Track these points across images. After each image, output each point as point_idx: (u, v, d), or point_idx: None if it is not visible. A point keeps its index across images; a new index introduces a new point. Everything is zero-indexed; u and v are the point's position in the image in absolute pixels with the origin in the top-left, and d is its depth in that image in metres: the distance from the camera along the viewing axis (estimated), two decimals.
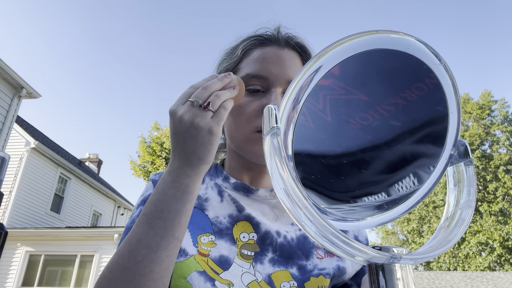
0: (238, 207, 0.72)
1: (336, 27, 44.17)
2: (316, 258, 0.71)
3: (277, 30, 0.76)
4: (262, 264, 0.67)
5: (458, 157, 0.45)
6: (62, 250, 10.12)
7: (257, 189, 0.75)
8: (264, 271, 0.66)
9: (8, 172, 10.91)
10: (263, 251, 0.69)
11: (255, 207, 0.73)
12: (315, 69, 0.40)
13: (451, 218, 0.43)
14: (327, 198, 0.44)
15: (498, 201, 21.67)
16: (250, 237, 0.70)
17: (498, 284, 13.07)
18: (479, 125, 23.52)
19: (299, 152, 0.42)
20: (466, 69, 42.46)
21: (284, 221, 0.74)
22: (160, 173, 0.75)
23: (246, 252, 0.68)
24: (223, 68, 0.76)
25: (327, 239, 0.34)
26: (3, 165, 0.75)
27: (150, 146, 14.71)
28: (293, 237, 0.72)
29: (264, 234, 0.70)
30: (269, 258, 0.68)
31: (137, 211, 0.70)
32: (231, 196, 0.74)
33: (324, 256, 0.72)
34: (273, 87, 0.70)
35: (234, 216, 0.71)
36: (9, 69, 9.20)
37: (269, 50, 0.72)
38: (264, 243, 0.69)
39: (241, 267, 0.66)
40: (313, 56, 0.41)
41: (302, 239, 0.73)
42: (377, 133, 0.44)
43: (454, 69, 0.44)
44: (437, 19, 41.95)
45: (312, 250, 0.72)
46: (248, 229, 0.70)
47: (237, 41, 0.78)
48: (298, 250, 0.71)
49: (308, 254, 0.71)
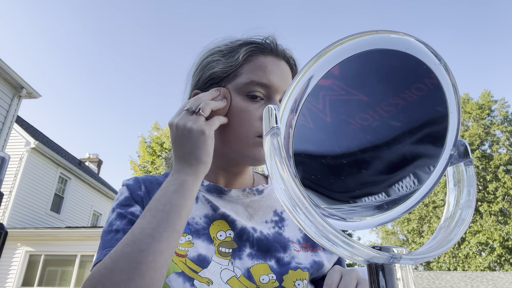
0: (213, 206, 0.74)
1: (336, 27, 44.19)
2: (293, 250, 0.72)
3: (274, 41, 0.77)
4: (240, 260, 0.68)
5: (458, 157, 0.45)
6: (62, 250, 10.12)
7: (229, 190, 0.76)
8: (243, 265, 0.67)
9: (8, 172, 10.91)
10: (241, 247, 0.70)
11: (229, 208, 0.74)
12: (315, 69, 0.40)
13: (451, 218, 0.43)
14: (327, 198, 0.44)
15: (498, 201, 21.67)
16: (227, 234, 0.71)
17: (498, 284, 13.07)
18: (479, 125, 23.51)
19: (299, 152, 0.42)
20: (466, 69, 42.48)
21: (258, 219, 0.75)
22: (132, 178, 0.77)
23: (224, 250, 0.69)
24: (220, 69, 0.74)
25: (327, 239, 0.34)
26: (3, 165, 0.75)
27: (150, 146, 14.71)
28: (269, 233, 0.73)
29: (241, 230, 0.71)
30: (247, 253, 0.69)
31: (113, 214, 0.70)
32: (205, 197, 0.75)
33: (299, 249, 0.73)
34: (274, 96, 0.72)
35: (210, 216, 0.72)
36: (9, 69, 9.20)
37: (270, 60, 0.74)
38: (241, 239, 0.70)
39: (220, 265, 0.66)
40: (313, 56, 0.41)
41: (277, 236, 0.74)
42: (377, 133, 0.44)
43: (454, 69, 0.44)
44: (437, 19, 41.97)
45: (289, 243, 0.73)
46: (225, 227, 0.71)
47: (230, 43, 0.77)
48: (275, 243, 0.72)
49: (286, 247, 0.72)
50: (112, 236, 0.65)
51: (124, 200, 0.72)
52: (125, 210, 0.70)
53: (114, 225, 0.67)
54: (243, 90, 0.71)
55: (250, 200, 0.77)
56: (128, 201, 0.72)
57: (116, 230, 0.66)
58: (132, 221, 0.66)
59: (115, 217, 0.69)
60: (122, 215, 0.68)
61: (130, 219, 0.67)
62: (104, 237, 0.66)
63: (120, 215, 0.68)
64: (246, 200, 0.77)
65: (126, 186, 0.75)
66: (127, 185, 0.76)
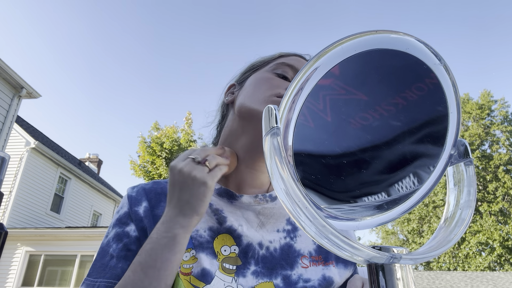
0: (219, 219, 0.71)
1: (336, 27, 44.18)
2: (301, 268, 0.70)
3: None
4: (244, 277, 0.66)
5: (458, 157, 0.45)
6: (62, 250, 10.12)
7: (241, 196, 0.73)
8: (247, 284, 0.66)
9: (8, 172, 10.91)
10: (245, 264, 0.68)
11: (239, 215, 0.72)
12: (315, 68, 0.40)
13: (451, 218, 0.43)
14: (327, 198, 0.44)
15: (498, 201, 21.67)
16: (232, 250, 0.69)
17: (498, 284, 13.07)
18: (478, 125, 23.52)
19: (299, 152, 0.42)
20: (466, 69, 42.48)
21: (270, 228, 0.73)
22: (137, 188, 0.76)
23: (228, 266, 0.67)
24: (258, 61, 0.83)
25: (327, 239, 0.34)
26: (3, 165, 0.75)
27: (150, 146, 14.69)
28: (276, 247, 0.71)
29: (246, 246, 0.69)
30: (251, 271, 0.67)
31: (112, 231, 0.70)
32: (212, 207, 0.73)
33: (309, 264, 0.71)
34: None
35: (215, 229, 0.71)
36: (9, 69, 9.20)
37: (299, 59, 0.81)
38: (246, 256, 0.69)
39: (223, 281, 0.65)
40: (313, 56, 0.41)
41: (286, 248, 0.72)
42: (377, 133, 0.44)
43: (454, 69, 0.44)
44: (437, 19, 41.97)
45: (297, 258, 0.71)
46: (229, 242, 0.70)
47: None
48: (282, 261, 0.70)
49: (293, 264, 0.70)
50: (107, 260, 0.66)
51: (123, 217, 0.72)
52: (122, 229, 0.70)
53: (110, 246, 0.68)
54: (272, 68, 0.78)
55: (262, 207, 0.74)
56: (125, 218, 0.71)
57: (111, 255, 0.67)
58: (126, 246, 0.67)
59: (113, 237, 0.69)
60: (119, 237, 0.69)
61: (125, 244, 0.67)
62: (100, 256, 0.68)
63: (117, 237, 0.69)
64: (258, 207, 0.74)
65: (128, 199, 0.74)
66: (129, 198, 0.74)
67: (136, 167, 14.72)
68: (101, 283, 0.64)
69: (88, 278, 0.66)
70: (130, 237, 0.68)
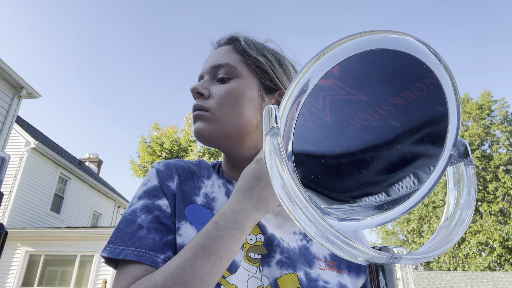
0: None
1: (336, 27, 44.16)
2: (318, 269, 0.70)
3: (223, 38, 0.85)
4: (269, 267, 0.66)
5: (458, 157, 0.45)
6: (62, 250, 10.12)
7: None
8: (271, 274, 0.65)
9: (8, 172, 10.91)
10: (270, 253, 0.67)
11: None
12: (315, 69, 0.40)
13: (451, 218, 0.43)
14: (327, 198, 0.44)
15: (498, 201, 21.68)
16: (257, 238, 0.69)
17: (498, 284, 13.07)
18: (478, 125, 23.52)
19: (299, 152, 0.42)
20: (466, 69, 42.46)
21: (287, 229, 0.73)
22: (163, 163, 0.74)
23: (253, 255, 0.67)
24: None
25: (327, 239, 0.34)
26: (3, 165, 0.75)
27: (150, 146, 14.70)
28: (295, 246, 0.71)
29: (271, 236, 0.69)
30: (276, 260, 0.67)
31: (139, 202, 0.67)
32: None
33: (325, 268, 0.71)
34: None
35: None
36: (9, 69, 9.20)
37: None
38: (272, 245, 0.68)
39: (248, 271, 0.64)
40: (313, 56, 0.41)
41: (303, 250, 0.72)
42: (377, 133, 0.44)
43: (454, 69, 0.44)
44: (437, 19, 41.95)
45: (314, 260, 0.71)
46: (255, 231, 0.69)
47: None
48: (301, 258, 0.70)
49: (311, 264, 0.70)
50: (134, 229, 0.63)
51: (153, 189, 0.68)
52: (152, 202, 0.66)
53: (138, 217, 0.64)
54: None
55: (281, 208, 0.74)
56: (156, 191, 0.68)
57: (140, 225, 0.63)
58: (158, 218, 0.65)
59: (141, 208, 0.66)
60: (149, 208, 0.65)
61: (156, 216, 0.65)
62: (125, 224, 0.64)
63: (146, 208, 0.66)
64: (277, 207, 0.74)
65: (157, 172, 0.71)
66: (158, 171, 0.71)
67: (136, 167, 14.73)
68: (129, 251, 0.60)
69: (110, 245, 0.62)
70: (163, 211, 0.66)
